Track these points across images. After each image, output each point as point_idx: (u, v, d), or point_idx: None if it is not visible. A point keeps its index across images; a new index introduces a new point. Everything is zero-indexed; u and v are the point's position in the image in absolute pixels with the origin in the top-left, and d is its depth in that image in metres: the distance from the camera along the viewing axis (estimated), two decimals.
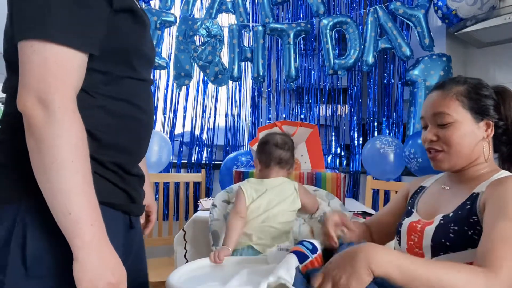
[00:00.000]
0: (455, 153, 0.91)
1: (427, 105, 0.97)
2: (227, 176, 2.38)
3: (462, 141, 0.91)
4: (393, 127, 2.67)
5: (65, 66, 0.64)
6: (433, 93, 0.98)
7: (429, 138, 0.95)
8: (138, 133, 0.83)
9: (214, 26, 2.64)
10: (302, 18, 2.84)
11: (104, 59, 0.72)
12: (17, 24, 0.65)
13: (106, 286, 0.66)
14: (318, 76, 2.83)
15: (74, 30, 0.65)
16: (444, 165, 0.94)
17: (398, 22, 2.57)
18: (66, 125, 0.63)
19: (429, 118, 0.96)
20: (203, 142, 2.89)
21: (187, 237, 1.51)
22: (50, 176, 0.63)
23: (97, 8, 0.68)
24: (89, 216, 0.65)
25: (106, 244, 0.68)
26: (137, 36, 0.78)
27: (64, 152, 0.62)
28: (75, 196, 0.63)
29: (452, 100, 0.92)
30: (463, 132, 0.91)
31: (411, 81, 2.45)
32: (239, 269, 0.94)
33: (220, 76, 2.68)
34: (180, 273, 0.84)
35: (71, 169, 0.63)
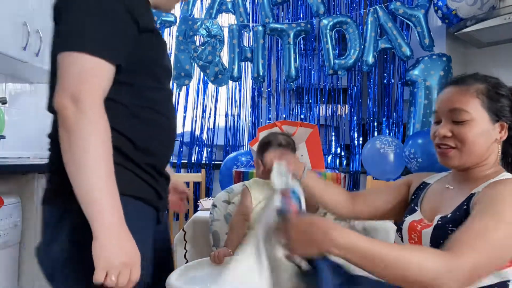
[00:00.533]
0: (468, 152, 0.88)
1: (443, 100, 0.93)
2: (227, 176, 2.38)
3: (477, 140, 0.87)
4: (393, 127, 2.67)
5: (96, 74, 0.76)
6: (450, 87, 0.93)
7: (443, 133, 0.90)
8: (166, 138, 0.95)
9: (214, 26, 2.64)
10: (302, 18, 2.84)
11: (133, 72, 0.85)
12: (61, 38, 0.80)
13: (120, 265, 0.73)
14: (318, 76, 2.82)
15: (106, 45, 0.78)
16: (453, 162, 0.91)
17: (398, 22, 2.57)
18: (94, 121, 0.74)
19: (444, 113, 0.91)
20: (203, 142, 2.89)
21: (187, 237, 1.51)
22: (78, 166, 0.73)
23: (126, 27, 0.82)
24: (110, 203, 0.73)
25: (123, 229, 0.75)
26: (158, 52, 0.92)
27: (91, 144, 0.73)
28: (98, 185, 0.73)
29: (472, 97, 0.89)
30: (479, 131, 0.88)
31: (411, 81, 2.45)
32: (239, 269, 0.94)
33: (220, 76, 2.68)
34: (180, 273, 0.84)
35: (97, 159, 0.73)
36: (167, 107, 0.95)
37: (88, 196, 0.72)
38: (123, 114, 0.84)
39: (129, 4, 0.82)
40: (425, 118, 2.38)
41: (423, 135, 2.19)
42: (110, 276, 0.73)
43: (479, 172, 0.91)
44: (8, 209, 1.50)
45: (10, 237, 1.51)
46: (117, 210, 0.75)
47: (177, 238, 1.51)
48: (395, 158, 2.28)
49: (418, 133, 2.24)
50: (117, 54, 0.80)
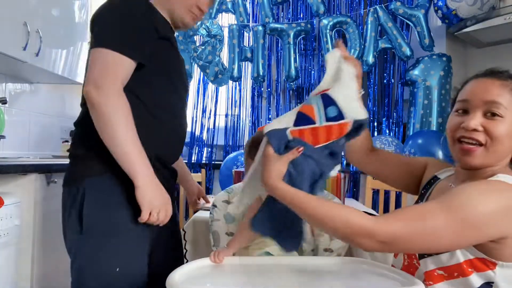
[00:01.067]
0: (494, 151, 0.81)
1: (479, 89, 0.84)
2: (227, 176, 2.38)
3: (505, 140, 0.80)
4: (393, 127, 2.67)
5: (117, 66, 0.94)
6: (486, 79, 0.85)
7: (474, 126, 0.80)
8: (174, 138, 1.12)
9: (214, 26, 2.63)
10: (302, 18, 2.84)
11: (153, 73, 1.02)
12: (92, 38, 0.98)
13: (159, 205, 0.96)
14: (318, 76, 2.82)
15: (126, 43, 0.96)
16: (476, 161, 0.82)
17: (398, 22, 2.57)
18: (114, 103, 0.92)
19: (478, 104, 0.82)
20: (203, 142, 2.89)
21: (187, 237, 1.51)
22: (111, 138, 0.92)
23: (145, 31, 0.99)
24: (143, 161, 0.95)
25: (155, 179, 0.97)
26: (174, 59, 1.11)
27: (116, 119, 0.91)
28: (131, 149, 0.93)
29: (510, 94, 0.81)
30: (510, 131, 0.80)
31: (411, 81, 2.45)
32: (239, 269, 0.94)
33: (220, 76, 2.68)
34: (180, 273, 0.84)
35: (124, 131, 0.92)
36: (177, 108, 1.12)
37: (126, 158, 0.93)
38: (141, 110, 1.01)
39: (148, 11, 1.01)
40: (425, 118, 2.38)
41: (423, 135, 2.19)
42: (153, 214, 0.95)
43: (484, 172, 0.85)
44: (8, 209, 1.50)
45: (10, 237, 1.51)
46: (148, 165, 0.95)
47: None
48: None
49: (418, 133, 2.24)
50: (136, 51, 0.96)
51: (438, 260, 0.82)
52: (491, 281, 0.79)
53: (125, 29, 0.97)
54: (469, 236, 0.74)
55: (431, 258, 0.84)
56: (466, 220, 0.73)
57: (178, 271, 0.84)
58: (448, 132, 0.88)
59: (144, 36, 0.99)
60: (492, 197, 0.75)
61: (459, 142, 0.84)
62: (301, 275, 0.91)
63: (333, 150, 0.80)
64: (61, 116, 2.79)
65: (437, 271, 0.83)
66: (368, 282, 0.87)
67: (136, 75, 0.99)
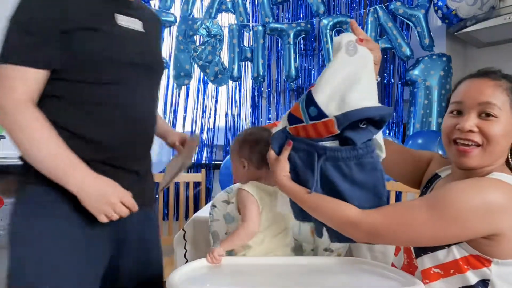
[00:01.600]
0: (490, 152, 0.81)
1: (473, 90, 0.84)
2: (227, 176, 2.38)
3: (501, 140, 0.81)
4: (393, 127, 2.66)
5: (14, 79, 0.84)
6: (479, 79, 0.85)
7: (469, 127, 0.80)
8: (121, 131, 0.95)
9: (214, 26, 2.63)
10: (302, 18, 2.84)
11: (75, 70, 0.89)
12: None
13: (108, 202, 0.85)
14: (318, 76, 2.82)
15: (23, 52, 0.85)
16: (473, 162, 0.82)
17: (398, 22, 2.57)
18: (19, 119, 0.83)
19: (472, 105, 0.82)
20: (203, 142, 2.89)
21: (187, 237, 1.51)
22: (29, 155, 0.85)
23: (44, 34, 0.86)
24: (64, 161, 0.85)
25: (93, 175, 0.86)
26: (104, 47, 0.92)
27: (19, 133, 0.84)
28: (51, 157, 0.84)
29: (503, 94, 0.81)
30: (505, 130, 0.81)
31: (411, 81, 2.45)
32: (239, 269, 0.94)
33: (220, 76, 2.68)
34: (180, 273, 0.84)
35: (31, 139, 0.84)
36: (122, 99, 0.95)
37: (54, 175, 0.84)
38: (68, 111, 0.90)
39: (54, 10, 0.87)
40: (425, 118, 2.38)
41: (423, 135, 2.19)
42: (110, 215, 0.86)
43: (480, 172, 0.84)
44: (8, 209, 1.50)
45: None
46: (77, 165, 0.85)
47: (177, 238, 1.51)
48: None
49: (418, 133, 2.24)
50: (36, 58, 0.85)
51: (434, 258, 0.83)
52: (487, 279, 0.79)
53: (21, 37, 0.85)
54: (451, 231, 0.75)
55: (427, 256, 0.84)
56: (446, 215, 0.74)
57: (178, 271, 0.84)
58: (443, 133, 0.88)
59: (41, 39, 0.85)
60: (475, 193, 0.75)
61: (455, 143, 0.84)
62: (301, 275, 0.91)
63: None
64: None
65: (433, 269, 0.83)
66: (368, 282, 0.87)
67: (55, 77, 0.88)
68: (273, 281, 0.88)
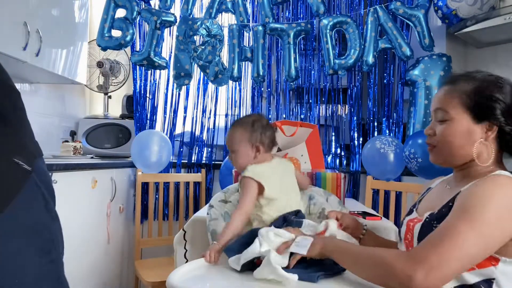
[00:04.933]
0: (443, 150, 0.93)
1: (433, 100, 0.99)
2: (227, 176, 2.38)
3: (453, 139, 0.90)
4: (393, 127, 2.67)
5: None
6: (442, 87, 0.98)
7: (425, 132, 0.98)
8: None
9: (214, 26, 2.63)
10: (302, 18, 2.83)
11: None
12: None
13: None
14: (318, 76, 2.82)
15: None
16: (433, 159, 0.97)
17: (398, 22, 2.57)
18: None
19: (432, 113, 0.97)
20: (203, 142, 2.89)
21: (187, 236, 1.51)
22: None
23: None
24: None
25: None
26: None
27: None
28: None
29: (454, 98, 0.91)
30: (456, 130, 0.90)
31: (411, 81, 2.45)
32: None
33: (220, 76, 2.68)
34: (180, 273, 0.84)
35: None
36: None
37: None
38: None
39: None
40: (425, 118, 2.38)
41: (423, 135, 2.18)
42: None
43: (475, 171, 0.90)
44: None
45: None
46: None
47: (177, 238, 1.51)
48: (395, 158, 2.28)
49: (418, 133, 2.24)
50: None
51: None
52: (492, 278, 0.79)
53: None
54: (495, 234, 0.76)
55: None
56: (485, 219, 0.75)
57: (178, 271, 0.84)
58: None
59: None
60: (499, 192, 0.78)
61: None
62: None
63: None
64: (61, 116, 2.79)
65: None
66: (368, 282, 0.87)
67: None
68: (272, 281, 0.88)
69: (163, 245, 2.59)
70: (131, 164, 2.62)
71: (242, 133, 1.22)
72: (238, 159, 1.23)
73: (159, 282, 2.07)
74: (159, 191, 2.61)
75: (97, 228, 2.30)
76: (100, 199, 2.31)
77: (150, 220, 2.61)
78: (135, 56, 2.63)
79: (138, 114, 2.84)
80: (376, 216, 1.55)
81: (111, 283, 2.49)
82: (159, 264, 2.35)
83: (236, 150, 1.23)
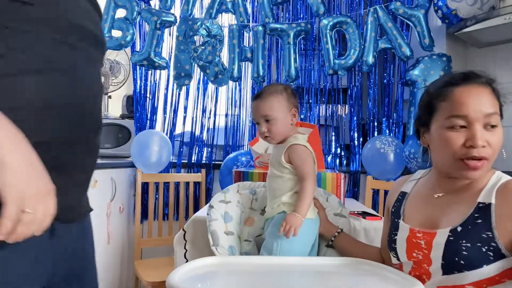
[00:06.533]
0: (493, 161, 0.80)
1: (476, 102, 0.79)
2: (227, 176, 2.38)
3: (499, 148, 0.80)
4: (393, 127, 2.67)
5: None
6: (474, 87, 0.81)
7: (482, 143, 0.77)
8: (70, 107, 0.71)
9: (214, 26, 2.63)
10: (302, 18, 2.83)
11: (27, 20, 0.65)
12: None
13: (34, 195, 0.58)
14: (318, 76, 2.82)
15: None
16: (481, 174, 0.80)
17: (398, 22, 2.57)
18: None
19: (479, 118, 0.78)
20: (203, 142, 2.89)
21: (187, 237, 1.51)
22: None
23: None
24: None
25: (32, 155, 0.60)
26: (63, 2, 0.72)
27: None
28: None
29: (495, 100, 0.80)
30: (501, 138, 0.80)
31: (411, 81, 2.45)
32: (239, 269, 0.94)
33: (220, 76, 2.68)
34: (180, 273, 0.84)
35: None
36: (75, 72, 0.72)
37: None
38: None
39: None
40: None
41: None
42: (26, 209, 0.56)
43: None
44: None
45: None
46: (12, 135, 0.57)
47: (177, 238, 1.51)
48: (395, 158, 2.28)
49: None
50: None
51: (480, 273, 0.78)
52: None
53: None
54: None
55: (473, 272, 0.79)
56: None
57: (178, 271, 0.84)
58: (447, 150, 0.82)
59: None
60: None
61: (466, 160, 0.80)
62: (301, 275, 0.91)
63: None
64: None
65: (466, 286, 0.80)
66: (368, 282, 0.87)
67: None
68: (273, 281, 0.88)
69: (163, 245, 2.59)
70: (131, 164, 2.62)
71: (279, 100, 1.17)
72: (277, 126, 1.17)
73: (159, 282, 2.07)
74: (159, 191, 2.61)
75: (97, 228, 2.27)
76: (100, 199, 2.31)
77: (150, 220, 2.61)
78: (135, 56, 2.63)
79: (138, 114, 2.84)
80: (376, 216, 1.55)
81: (111, 283, 2.49)
82: (159, 264, 2.35)
83: (275, 117, 1.17)
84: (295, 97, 1.21)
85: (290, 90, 1.21)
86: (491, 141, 0.78)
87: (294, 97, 1.21)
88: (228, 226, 1.31)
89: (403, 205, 0.97)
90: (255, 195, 1.41)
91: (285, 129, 1.19)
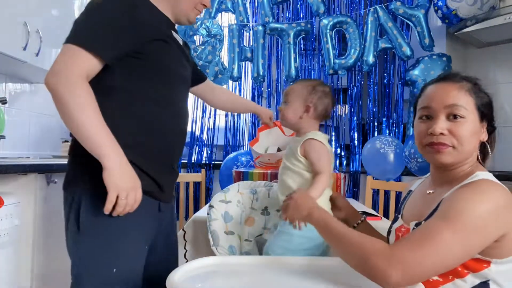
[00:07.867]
0: (461, 151, 0.85)
1: (438, 94, 0.88)
2: (227, 176, 2.38)
3: (470, 139, 0.85)
4: (393, 127, 2.67)
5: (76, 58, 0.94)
6: (443, 83, 0.90)
7: (440, 130, 0.85)
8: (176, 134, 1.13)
9: (214, 25, 2.63)
10: (302, 18, 2.84)
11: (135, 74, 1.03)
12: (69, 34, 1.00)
13: (127, 188, 0.94)
14: (318, 76, 2.82)
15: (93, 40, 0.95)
16: (448, 159, 0.87)
17: (398, 22, 2.57)
18: (70, 86, 0.91)
19: (439, 108, 0.87)
20: (203, 142, 2.89)
21: (187, 237, 1.51)
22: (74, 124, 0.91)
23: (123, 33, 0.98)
24: (109, 141, 0.93)
25: (124, 161, 0.95)
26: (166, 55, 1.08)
27: (73, 101, 0.91)
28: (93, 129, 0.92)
29: (466, 95, 0.86)
30: (472, 129, 0.86)
31: (411, 81, 2.45)
32: (239, 269, 0.94)
33: (220, 76, 2.68)
34: (180, 273, 0.84)
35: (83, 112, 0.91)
36: (175, 108, 1.11)
37: (91, 142, 0.92)
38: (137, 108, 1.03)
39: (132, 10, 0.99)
40: None
41: None
42: (121, 197, 0.93)
43: (458, 172, 0.89)
44: (8, 209, 1.50)
45: (10, 237, 1.51)
46: (117, 148, 0.94)
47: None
48: (395, 158, 2.28)
49: None
50: (103, 50, 0.96)
51: None
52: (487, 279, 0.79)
53: (95, 26, 0.97)
54: (476, 241, 0.75)
55: None
56: (467, 226, 0.74)
57: (178, 271, 0.84)
58: (416, 139, 0.93)
59: (119, 36, 0.97)
60: (483, 197, 0.77)
61: (431, 146, 0.88)
62: (301, 275, 0.91)
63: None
64: None
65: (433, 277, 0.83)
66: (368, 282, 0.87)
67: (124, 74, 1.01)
68: (272, 281, 0.88)
69: None
70: None
71: (301, 89, 1.20)
72: (287, 112, 1.21)
73: None
74: None
75: None
76: None
77: None
78: None
79: None
80: (376, 216, 1.55)
81: None
82: None
83: (290, 102, 1.20)
84: (319, 99, 1.19)
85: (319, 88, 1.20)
86: (454, 130, 0.85)
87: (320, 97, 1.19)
88: (228, 226, 1.31)
89: (405, 202, 1.03)
90: (256, 195, 1.41)
91: (291, 116, 1.20)
